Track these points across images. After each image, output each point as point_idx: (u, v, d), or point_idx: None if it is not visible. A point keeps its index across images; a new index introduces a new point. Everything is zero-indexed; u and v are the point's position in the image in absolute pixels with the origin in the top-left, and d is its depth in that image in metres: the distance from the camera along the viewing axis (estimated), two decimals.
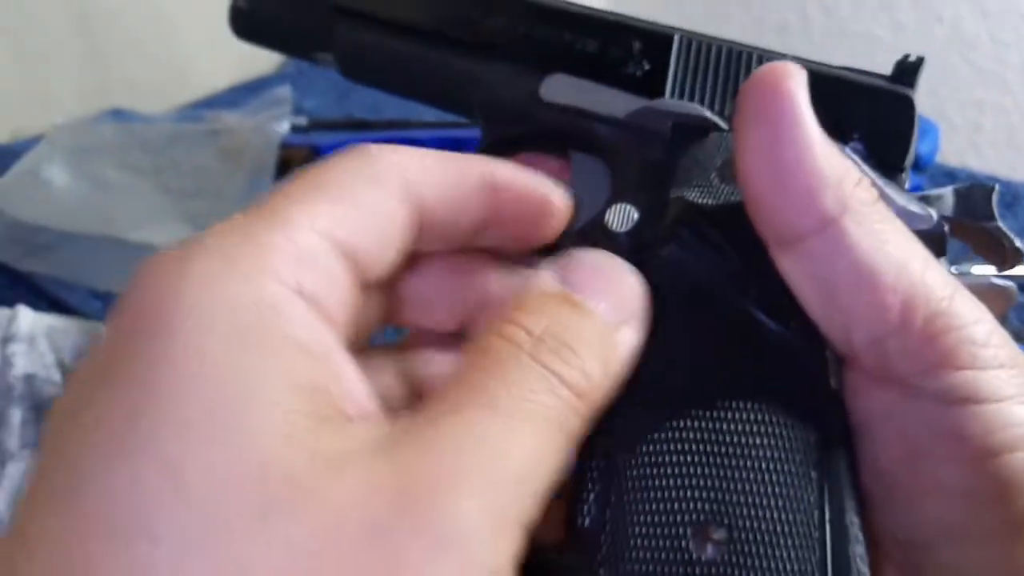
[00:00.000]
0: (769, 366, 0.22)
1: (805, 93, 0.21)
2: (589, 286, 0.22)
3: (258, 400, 0.17)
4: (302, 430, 0.17)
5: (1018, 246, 0.27)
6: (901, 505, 0.21)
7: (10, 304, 0.45)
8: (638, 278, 0.23)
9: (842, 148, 0.22)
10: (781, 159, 0.21)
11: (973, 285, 0.23)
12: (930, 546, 0.21)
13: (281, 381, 0.17)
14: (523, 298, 0.21)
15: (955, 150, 1.21)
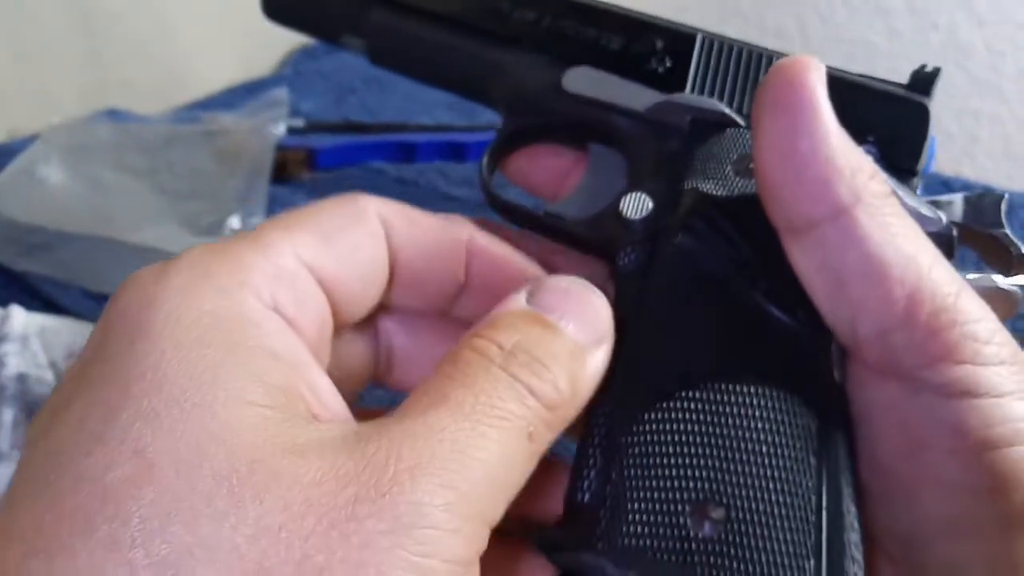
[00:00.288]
0: (774, 354, 0.23)
1: (824, 87, 0.21)
2: (559, 307, 0.22)
3: (227, 394, 0.18)
4: (270, 422, 0.18)
5: None
6: (899, 498, 0.21)
7: (3, 303, 0.45)
8: (605, 301, 0.23)
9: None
10: (798, 147, 0.21)
11: (980, 288, 0.23)
12: (927, 540, 0.21)
13: (252, 380, 0.18)
14: (495, 316, 0.22)
15: (951, 159, 1.21)
